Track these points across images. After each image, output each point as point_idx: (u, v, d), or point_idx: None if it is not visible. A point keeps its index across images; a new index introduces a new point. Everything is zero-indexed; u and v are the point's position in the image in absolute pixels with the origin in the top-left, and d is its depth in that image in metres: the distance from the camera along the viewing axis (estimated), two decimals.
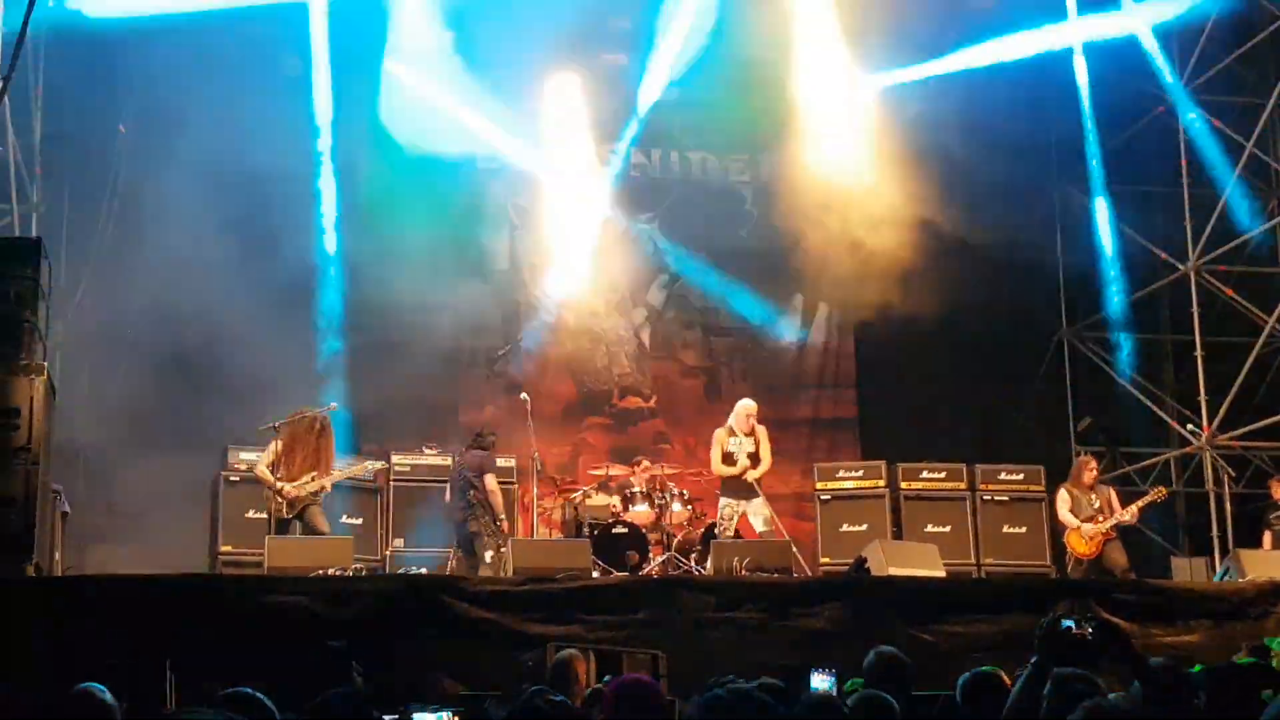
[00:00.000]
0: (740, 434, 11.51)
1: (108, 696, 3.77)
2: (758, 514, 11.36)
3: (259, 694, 3.74)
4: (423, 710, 3.81)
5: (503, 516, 11.19)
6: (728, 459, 11.49)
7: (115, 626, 7.80)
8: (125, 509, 11.96)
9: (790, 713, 3.72)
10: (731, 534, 11.22)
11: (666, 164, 15.95)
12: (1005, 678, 4.92)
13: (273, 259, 12.85)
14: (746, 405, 11.68)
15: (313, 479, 10.32)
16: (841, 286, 15.73)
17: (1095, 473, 11.74)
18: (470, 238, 14.88)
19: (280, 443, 10.41)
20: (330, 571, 9.23)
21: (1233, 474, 13.51)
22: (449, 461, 12.45)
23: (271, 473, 10.33)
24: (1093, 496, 11.50)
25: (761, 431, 11.55)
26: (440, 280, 13.70)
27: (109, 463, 11.98)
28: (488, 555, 10.88)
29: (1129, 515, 11.38)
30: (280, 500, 10.23)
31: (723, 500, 11.50)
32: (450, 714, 3.79)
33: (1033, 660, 3.98)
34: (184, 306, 12.52)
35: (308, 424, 10.45)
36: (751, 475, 11.37)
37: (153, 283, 12.37)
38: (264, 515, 10.55)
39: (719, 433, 11.66)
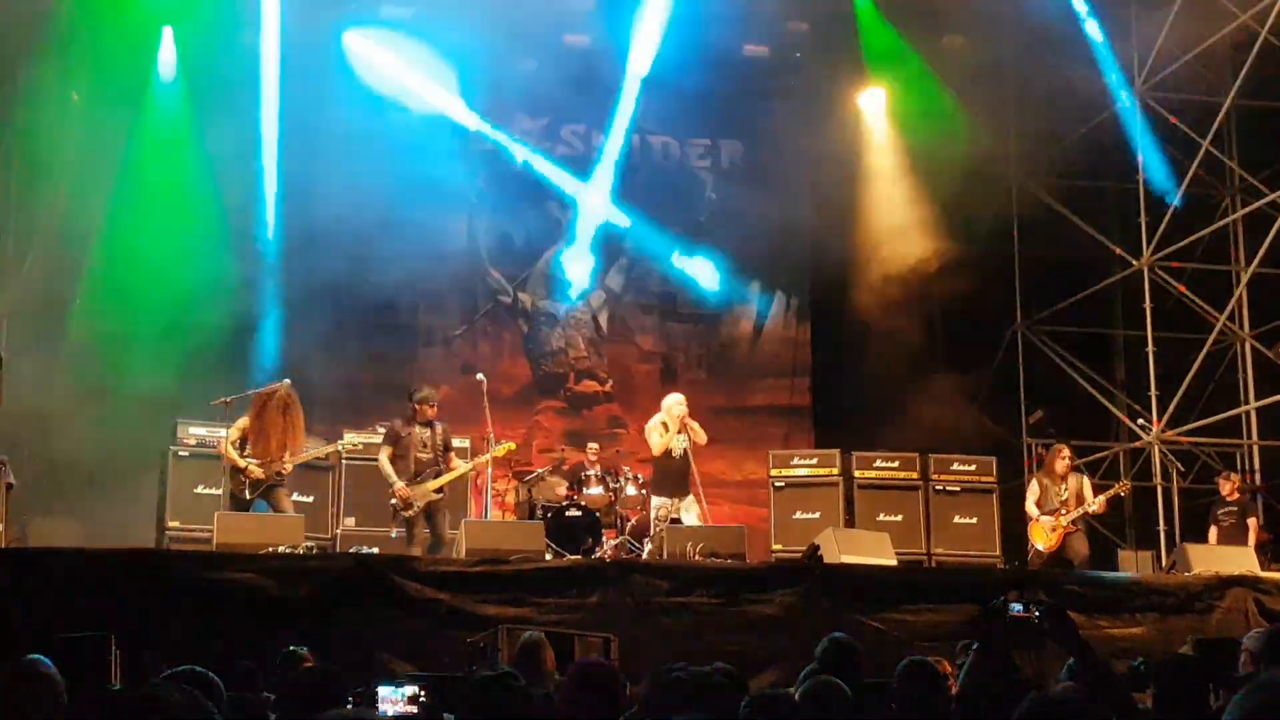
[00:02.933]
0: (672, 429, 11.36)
1: (53, 669, 3.67)
2: (689, 511, 11.19)
3: (207, 670, 3.67)
4: (389, 685, 3.74)
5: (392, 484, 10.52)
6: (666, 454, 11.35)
7: (59, 600, 7.69)
8: (72, 482, 11.79)
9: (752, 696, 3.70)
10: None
11: (628, 147, 15.86)
12: (949, 665, 4.94)
13: (223, 236, 12.68)
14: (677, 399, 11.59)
15: (301, 452, 10.28)
16: (799, 275, 15.79)
17: (1068, 462, 11.70)
18: (428, 216, 14.75)
19: (249, 422, 10.22)
20: (280, 549, 9.13)
21: (1181, 469, 13.66)
22: None
23: (238, 451, 10.17)
24: (1063, 486, 11.52)
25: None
26: (397, 259, 13.58)
27: (56, 435, 11.78)
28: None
29: (1097, 505, 11.44)
30: (244, 479, 10.07)
31: (655, 499, 11.40)
32: (418, 688, 3.73)
33: (974, 646, 3.94)
34: (134, 279, 12.36)
35: (276, 403, 10.25)
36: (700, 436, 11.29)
37: (102, 254, 12.18)
38: (214, 491, 10.40)
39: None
